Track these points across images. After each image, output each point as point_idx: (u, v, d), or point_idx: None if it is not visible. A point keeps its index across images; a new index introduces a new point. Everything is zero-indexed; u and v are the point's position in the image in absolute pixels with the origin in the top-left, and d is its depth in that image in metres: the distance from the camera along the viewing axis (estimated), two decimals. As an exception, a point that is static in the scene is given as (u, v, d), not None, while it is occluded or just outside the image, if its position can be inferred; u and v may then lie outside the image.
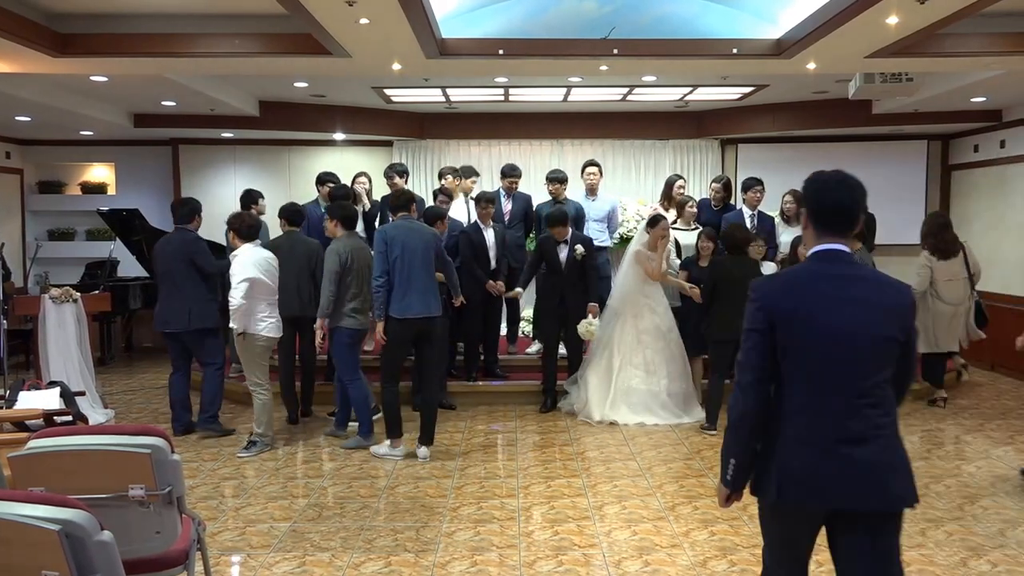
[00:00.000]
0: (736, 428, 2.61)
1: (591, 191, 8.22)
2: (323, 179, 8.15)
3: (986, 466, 5.90)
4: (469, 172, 8.41)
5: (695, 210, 7.95)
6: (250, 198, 7.81)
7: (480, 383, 7.76)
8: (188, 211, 6.86)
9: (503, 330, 8.07)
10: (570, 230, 7.29)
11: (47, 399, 6.06)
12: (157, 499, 2.91)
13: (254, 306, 6.08)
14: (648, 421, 6.98)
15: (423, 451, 6.07)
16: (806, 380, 2.53)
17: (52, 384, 6.48)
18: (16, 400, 6.03)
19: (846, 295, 2.53)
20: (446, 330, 7.04)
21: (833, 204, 2.63)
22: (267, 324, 6.18)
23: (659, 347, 7.08)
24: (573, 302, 7.20)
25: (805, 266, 2.66)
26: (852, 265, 2.60)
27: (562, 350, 7.49)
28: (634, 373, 7.08)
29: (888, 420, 2.56)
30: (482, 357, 7.86)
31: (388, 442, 6.14)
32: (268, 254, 6.31)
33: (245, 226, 6.25)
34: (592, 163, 8.32)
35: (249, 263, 6.08)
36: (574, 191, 8.45)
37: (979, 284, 9.28)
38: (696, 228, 7.69)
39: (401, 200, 6.21)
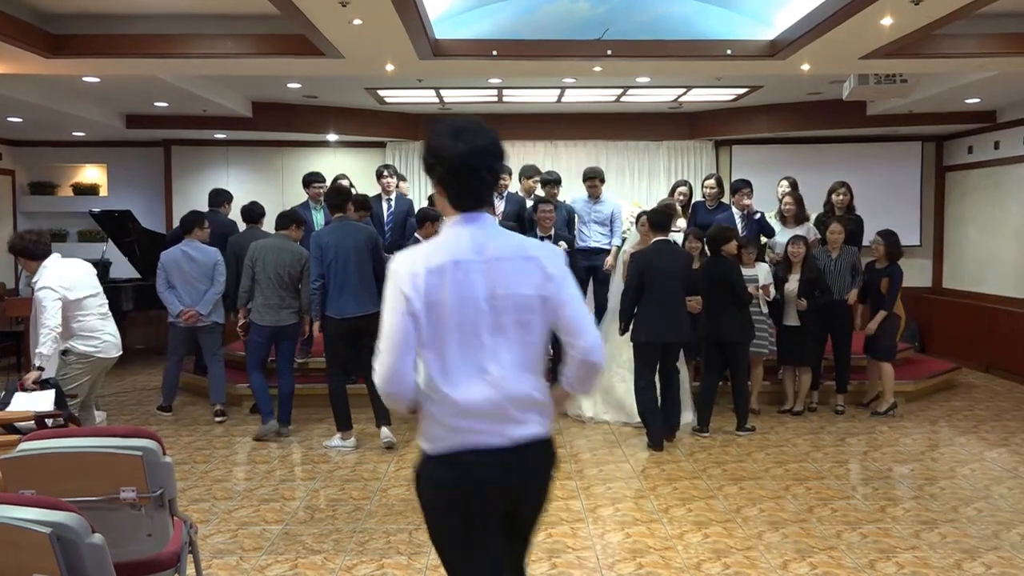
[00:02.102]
0: (622, 311, 6.46)
1: (594, 196, 8.18)
2: (308, 180, 8.19)
3: (980, 468, 5.92)
4: (532, 171, 8.37)
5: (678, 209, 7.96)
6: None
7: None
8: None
9: None
10: (553, 229, 7.31)
11: (42, 400, 6.03)
12: (148, 502, 2.92)
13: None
14: (619, 419, 7.06)
15: (384, 432, 6.35)
16: (652, 291, 6.27)
17: (46, 385, 6.45)
18: (10, 401, 6.00)
19: (667, 256, 6.37)
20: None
21: (660, 221, 6.52)
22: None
23: None
24: None
25: (653, 244, 6.47)
26: (671, 244, 6.53)
27: None
28: (616, 371, 7.11)
29: (683, 311, 6.40)
30: None
31: (339, 435, 6.41)
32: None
33: (33, 243, 5.14)
34: (591, 175, 8.15)
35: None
36: (577, 192, 8.47)
37: (974, 285, 10.28)
38: (679, 230, 7.66)
39: (337, 199, 6.45)
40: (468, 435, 2.29)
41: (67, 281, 5.15)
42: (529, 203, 8.04)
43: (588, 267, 7.79)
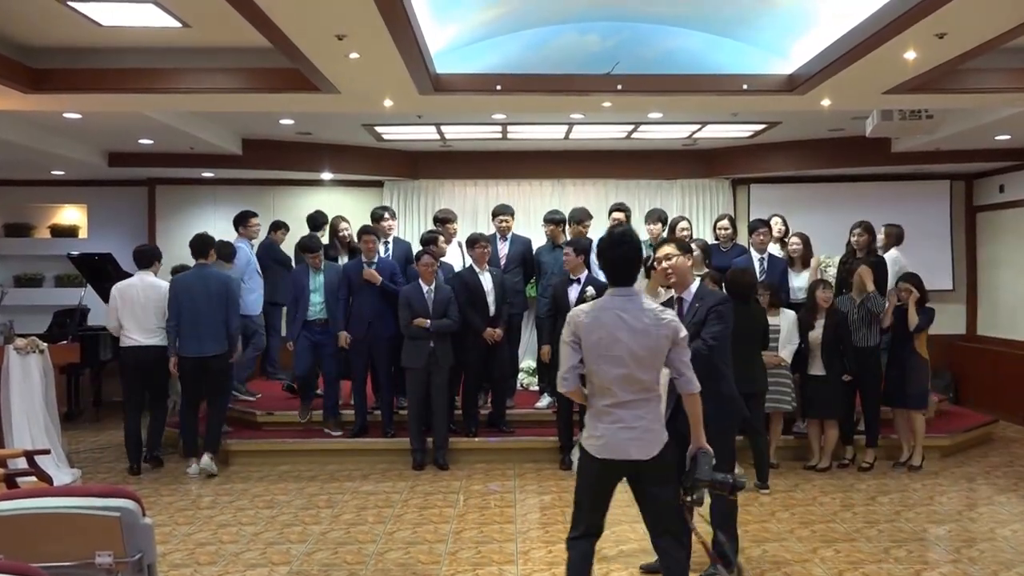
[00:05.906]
0: None
1: None
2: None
3: (1021, 529, 5.84)
4: (583, 215, 8.32)
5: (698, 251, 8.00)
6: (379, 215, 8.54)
7: (477, 439, 7.71)
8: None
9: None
10: (586, 270, 7.30)
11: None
12: (126, 567, 2.88)
13: None
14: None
15: (205, 459, 7.27)
16: None
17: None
18: None
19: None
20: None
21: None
22: None
23: None
24: None
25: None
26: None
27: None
28: None
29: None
30: (484, 411, 7.83)
31: (195, 461, 7.31)
32: None
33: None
34: (619, 208, 8.28)
35: None
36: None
37: (1010, 332, 10.34)
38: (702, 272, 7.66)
39: (199, 247, 7.40)
40: None
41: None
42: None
43: None
